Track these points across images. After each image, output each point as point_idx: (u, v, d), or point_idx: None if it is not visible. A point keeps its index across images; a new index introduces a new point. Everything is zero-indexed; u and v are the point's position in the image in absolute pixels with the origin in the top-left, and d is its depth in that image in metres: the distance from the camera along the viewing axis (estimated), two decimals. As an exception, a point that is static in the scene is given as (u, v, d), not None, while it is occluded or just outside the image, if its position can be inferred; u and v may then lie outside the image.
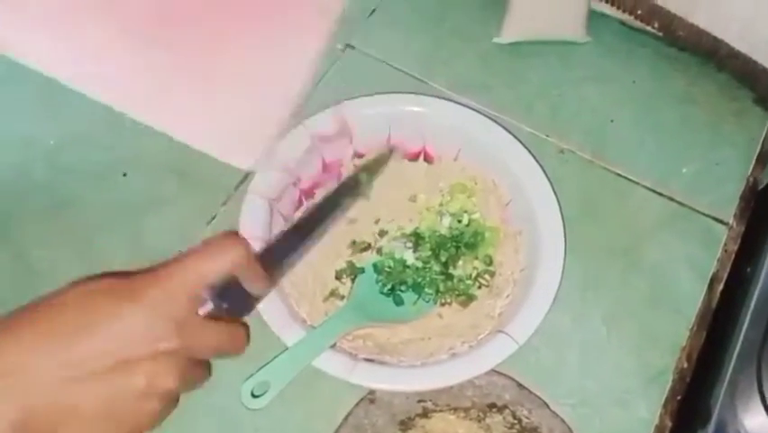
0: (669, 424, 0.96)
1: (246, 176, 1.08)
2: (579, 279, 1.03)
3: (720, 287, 1.05)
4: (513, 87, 1.20)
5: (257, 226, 0.96)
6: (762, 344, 0.90)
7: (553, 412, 0.92)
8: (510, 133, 1.04)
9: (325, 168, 1.06)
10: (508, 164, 1.03)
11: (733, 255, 1.07)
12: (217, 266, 0.70)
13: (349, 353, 0.92)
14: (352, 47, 1.23)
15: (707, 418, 0.88)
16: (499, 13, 1.22)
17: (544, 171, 1.01)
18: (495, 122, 1.05)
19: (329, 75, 1.20)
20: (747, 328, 0.92)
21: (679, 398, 0.98)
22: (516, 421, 0.92)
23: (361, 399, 0.93)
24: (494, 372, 0.93)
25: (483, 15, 1.25)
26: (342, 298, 1.01)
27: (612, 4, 1.18)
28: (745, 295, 0.96)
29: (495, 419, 0.92)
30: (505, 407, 0.92)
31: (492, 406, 0.93)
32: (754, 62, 1.16)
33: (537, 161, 1.02)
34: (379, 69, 1.21)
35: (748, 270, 1.00)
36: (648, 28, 1.20)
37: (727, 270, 1.06)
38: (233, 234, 0.77)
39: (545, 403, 0.93)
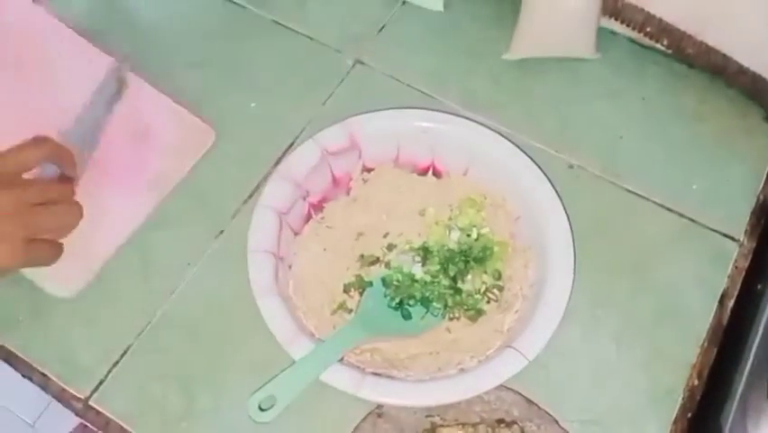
0: (680, 441, 0.95)
1: (255, 189, 1.08)
2: (588, 295, 1.03)
3: (731, 304, 1.04)
4: (522, 103, 1.20)
5: (266, 239, 0.97)
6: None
7: (563, 429, 0.92)
8: (519, 148, 1.03)
9: (335, 182, 1.06)
10: (517, 179, 1.03)
11: (744, 272, 1.06)
12: (35, 153, 0.94)
13: (357, 367, 0.91)
14: (362, 63, 1.23)
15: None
16: (509, 29, 1.22)
17: (554, 186, 1.01)
18: (504, 137, 1.04)
19: (339, 90, 1.20)
20: (758, 345, 0.92)
21: (689, 416, 0.97)
22: (525, 437, 0.91)
23: (369, 413, 0.93)
24: (503, 387, 0.93)
25: (493, 32, 1.25)
26: (351, 311, 1.00)
27: (622, 22, 1.18)
28: (756, 312, 0.96)
29: (504, 435, 0.92)
30: (513, 423, 0.92)
31: (501, 421, 0.92)
32: (764, 80, 1.15)
33: (546, 176, 1.01)
34: (389, 84, 1.21)
35: (759, 286, 1.00)
36: (658, 45, 1.20)
37: (738, 287, 1.05)
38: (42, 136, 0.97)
39: (555, 420, 0.93)
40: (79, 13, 1.28)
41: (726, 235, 1.09)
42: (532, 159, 1.03)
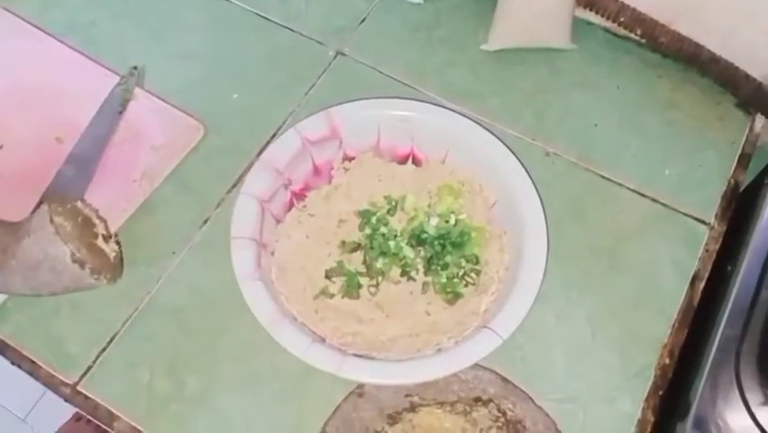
0: (651, 418, 0.98)
1: (239, 179, 1.10)
2: (564, 279, 1.06)
3: (702, 285, 1.07)
4: (500, 93, 1.23)
5: (248, 226, 0.99)
6: (740, 339, 0.92)
7: (537, 406, 0.95)
8: (496, 136, 1.06)
9: (316, 170, 1.09)
10: (494, 166, 1.05)
11: (714, 255, 1.09)
12: None
13: (338, 349, 0.94)
14: (344, 54, 1.26)
15: (686, 411, 0.90)
16: (488, 21, 1.25)
17: (529, 174, 1.03)
18: (481, 126, 1.07)
19: (321, 81, 1.23)
20: (726, 325, 0.94)
21: (661, 393, 1.00)
22: (500, 415, 0.94)
23: (350, 393, 0.96)
24: (479, 367, 0.96)
25: (472, 25, 1.29)
26: (332, 296, 1.03)
27: (596, 12, 1.21)
28: (725, 293, 0.98)
29: (480, 413, 0.95)
30: (490, 401, 0.95)
31: (478, 400, 0.95)
32: (736, 68, 1.18)
33: (522, 163, 1.04)
34: (370, 75, 1.24)
35: (729, 268, 1.02)
36: (632, 35, 1.23)
37: (709, 269, 1.08)
38: None
39: (530, 397, 0.95)
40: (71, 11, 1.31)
41: (697, 219, 1.12)
42: (508, 147, 1.06)
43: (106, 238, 1.01)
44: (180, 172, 1.15)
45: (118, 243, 1.05)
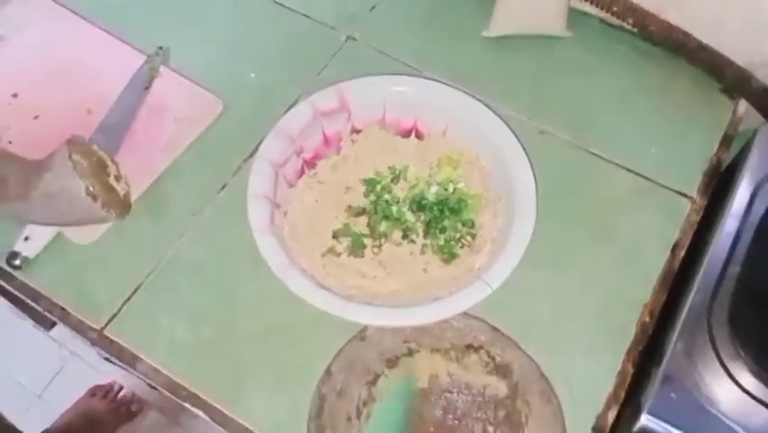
0: (630, 370, 1.06)
1: (255, 149, 1.19)
2: (554, 244, 1.14)
3: (682, 253, 1.14)
4: (499, 76, 1.32)
5: (263, 186, 1.08)
6: (713, 297, 1.00)
7: (524, 352, 1.03)
8: (493, 111, 1.15)
9: (326, 141, 1.18)
10: (491, 139, 1.14)
11: (696, 225, 1.17)
12: None
13: (343, 296, 1.02)
14: (354, 39, 1.36)
15: (660, 359, 0.98)
16: (489, 11, 1.34)
17: (522, 145, 1.12)
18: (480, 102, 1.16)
19: (332, 63, 1.32)
20: (701, 284, 1.01)
21: (641, 348, 1.07)
22: (490, 360, 1.03)
23: (353, 337, 1.04)
24: (471, 316, 1.04)
25: (474, 13, 1.38)
26: (339, 255, 1.11)
27: (591, 2, 1.29)
28: (702, 258, 1.06)
29: (471, 358, 1.03)
30: (480, 347, 1.03)
31: (469, 347, 1.04)
32: (721, 55, 1.26)
33: (516, 135, 1.12)
34: (378, 59, 1.33)
35: (708, 239, 1.10)
36: (624, 25, 1.31)
37: (689, 238, 1.16)
38: None
39: (517, 344, 1.03)
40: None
41: (680, 193, 1.20)
42: (504, 121, 1.14)
43: (117, 178, 1.12)
44: (201, 143, 1.24)
45: (127, 183, 1.15)
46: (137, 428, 2.28)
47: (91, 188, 1.05)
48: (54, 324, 2.15)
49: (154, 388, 1.07)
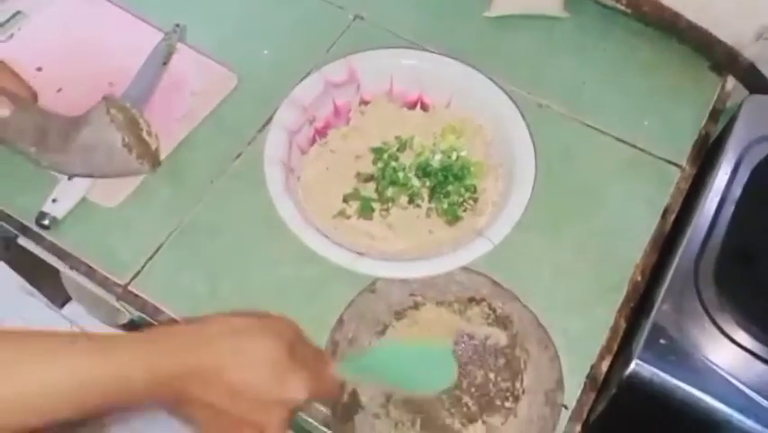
0: (623, 325, 1.13)
1: (268, 120, 1.25)
2: (551, 210, 1.21)
3: (672, 217, 1.21)
4: (500, 54, 1.39)
5: (279, 151, 1.15)
6: (699, 254, 1.07)
7: (523, 304, 1.09)
8: (495, 82, 1.22)
9: (336, 111, 1.25)
10: (492, 109, 1.21)
11: (685, 192, 1.24)
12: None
13: (355, 252, 1.09)
14: (362, 18, 1.43)
15: (650, 312, 1.04)
16: (491, -9, 1.41)
17: (522, 114, 1.19)
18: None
19: (340, 40, 1.40)
20: (685, 249, 1.08)
21: (632, 305, 1.14)
22: (491, 312, 1.10)
23: (363, 289, 1.10)
24: (474, 272, 1.11)
25: (477, -6, 1.44)
26: (349, 217, 1.18)
27: (587, -16, 1.37)
28: (690, 221, 1.13)
29: (474, 311, 1.10)
30: (482, 300, 1.10)
31: (472, 300, 1.10)
32: (710, 34, 1.33)
33: (516, 105, 1.20)
34: (384, 37, 1.40)
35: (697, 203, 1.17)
36: (618, 6, 1.38)
37: (680, 204, 1.23)
38: None
39: (516, 297, 1.10)
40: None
41: (671, 162, 1.27)
42: (505, 91, 1.21)
43: (149, 133, 1.19)
44: (216, 115, 1.31)
45: (157, 138, 1.22)
46: (129, 414, 2.33)
47: (127, 140, 1.12)
48: (65, 302, 2.22)
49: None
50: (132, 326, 1.80)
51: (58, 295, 2.17)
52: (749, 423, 0.93)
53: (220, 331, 0.85)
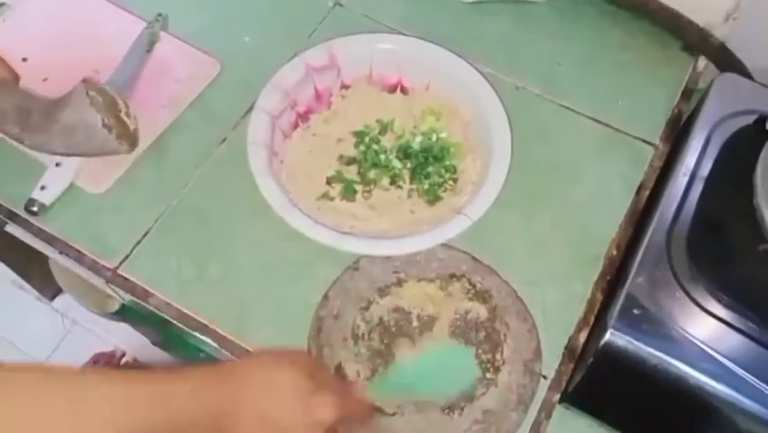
0: (599, 298, 1.16)
1: (251, 106, 1.27)
2: (529, 189, 1.24)
3: (646, 194, 1.25)
4: (477, 38, 1.42)
5: (261, 134, 1.18)
6: (671, 226, 1.10)
7: (502, 279, 1.13)
8: (472, 65, 1.25)
9: (317, 95, 1.28)
10: (470, 91, 1.25)
11: (658, 170, 1.27)
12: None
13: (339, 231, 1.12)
14: (341, 5, 1.46)
15: (625, 281, 1.08)
16: (468, -23, 1.44)
17: (499, 97, 1.22)
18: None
19: (321, 27, 1.42)
20: (658, 223, 1.11)
21: (608, 278, 1.18)
22: (471, 287, 1.13)
23: (347, 267, 1.14)
24: (454, 249, 1.14)
25: (454, -21, 1.47)
26: (333, 199, 1.22)
27: (561, -32, 1.40)
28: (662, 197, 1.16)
29: (455, 286, 1.14)
30: (462, 276, 1.13)
31: (453, 276, 1.14)
32: (681, 15, 1.37)
33: (494, 88, 1.23)
34: (363, 23, 1.43)
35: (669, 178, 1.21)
36: (592, -11, 1.42)
37: (653, 181, 1.26)
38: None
39: (495, 272, 1.14)
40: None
41: (644, 141, 1.31)
42: (482, 74, 1.24)
43: (128, 114, 1.22)
44: (201, 101, 1.34)
45: (136, 120, 1.24)
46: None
47: (106, 121, 1.15)
48: (56, 294, 2.24)
49: (168, 320, 1.16)
50: (122, 313, 1.83)
51: (48, 287, 2.19)
52: (721, 388, 0.96)
53: (249, 367, 0.92)
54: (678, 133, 1.31)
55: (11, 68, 1.22)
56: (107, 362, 2.34)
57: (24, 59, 1.37)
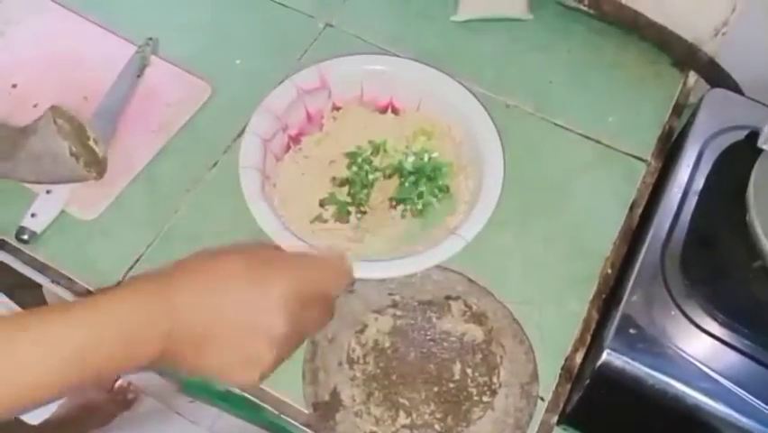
0: (595, 316, 1.16)
1: (243, 130, 1.26)
2: (521, 207, 1.24)
3: (639, 211, 1.25)
4: (467, 56, 1.42)
5: (253, 157, 1.17)
6: (665, 243, 1.10)
7: (497, 300, 1.12)
8: (463, 85, 1.25)
9: (309, 118, 1.27)
10: (461, 110, 1.24)
11: (651, 186, 1.27)
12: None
13: (330, 255, 1.12)
14: (332, 26, 1.46)
15: (620, 301, 1.08)
16: (457, -4, 1.45)
17: (490, 116, 1.22)
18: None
19: (311, 49, 1.42)
20: (651, 241, 1.11)
21: (603, 297, 1.18)
22: (467, 309, 1.13)
23: (342, 290, 1.13)
24: (449, 270, 1.14)
25: (443, -1, 1.48)
26: (326, 221, 1.21)
27: (549, -14, 1.40)
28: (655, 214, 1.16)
29: (450, 308, 1.13)
30: (458, 297, 1.13)
31: (448, 297, 1.14)
32: (670, 31, 1.37)
33: (485, 107, 1.23)
34: (354, 43, 1.43)
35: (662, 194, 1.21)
36: (580, 6, 1.42)
37: (646, 197, 1.26)
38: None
39: (491, 293, 1.13)
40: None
41: (636, 158, 1.31)
42: (473, 93, 1.24)
43: (96, 141, 1.22)
44: (192, 125, 1.34)
45: (104, 146, 1.24)
46: (134, 415, 2.36)
47: (74, 149, 1.15)
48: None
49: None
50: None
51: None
52: (718, 407, 0.96)
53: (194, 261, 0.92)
54: (670, 148, 1.31)
55: None
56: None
57: (14, 86, 1.37)
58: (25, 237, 1.19)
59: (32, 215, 1.21)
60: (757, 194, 1.04)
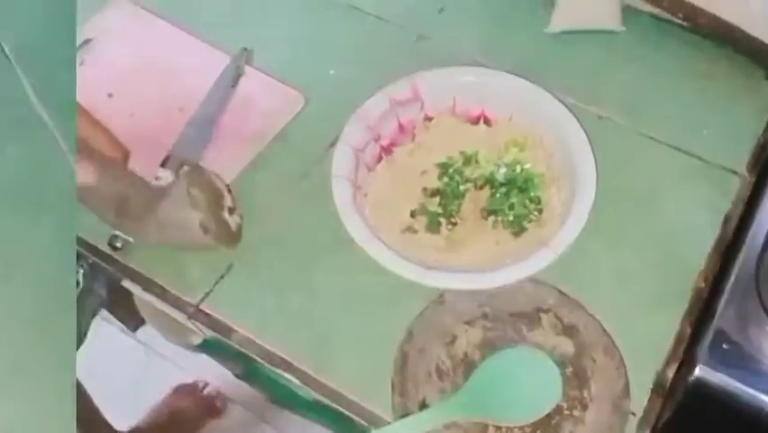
0: (688, 330, 1.14)
1: (335, 139, 1.27)
2: (612, 219, 1.23)
3: (734, 224, 1.23)
4: (560, 68, 1.42)
5: (345, 168, 1.19)
6: (760, 258, 1.09)
7: (589, 313, 1.12)
8: (555, 96, 1.25)
9: (401, 128, 1.28)
10: (553, 122, 1.24)
11: (746, 199, 1.25)
12: None
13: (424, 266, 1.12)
14: (425, 38, 1.48)
15: (713, 317, 1.07)
16: (550, 7, 1.46)
17: (582, 127, 1.22)
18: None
19: (404, 60, 1.42)
20: (746, 256, 1.11)
21: (697, 310, 1.16)
22: (558, 321, 1.12)
23: (431, 301, 1.14)
24: (540, 283, 1.13)
25: (536, 10, 1.50)
26: (417, 232, 1.22)
27: (643, -2, 1.40)
28: (751, 226, 1.15)
29: (541, 321, 1.13)
30: (549, 310, 1.13)
31: (539, 310, 1.13)
32: (765, 44, 1.35)
33: (577, 118, 1.23)
34: (447, 55, 1.42)
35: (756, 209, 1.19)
36: (674, 19, 1.41)
37: (740, 211, 1.24)
38: None
39: (582, 306, 1.13)
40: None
41: (730, 171, 1.29)
42: (565, 104, 1.24)
43: (231, 210, 1.22)
44: (284, 134, 1.36)
45: (240, 216, 1.25)
46: (223, 424, 2.38)
47: (205, 222, 1.15)
48: (139, 326, 2.27)
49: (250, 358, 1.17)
50: (204, 346, 1.85)
51: (132, 318, 2.21)
52: (816, 425, 0.94)
53: None
54: (764, 162, 1.28)
55: (120, 145, 1.19)
56: (189, 393, 2.36)
57: (110, 95, 1.40)
58: (117, 245, 1.22)
59: (126, 223, 1.22)
60: None
